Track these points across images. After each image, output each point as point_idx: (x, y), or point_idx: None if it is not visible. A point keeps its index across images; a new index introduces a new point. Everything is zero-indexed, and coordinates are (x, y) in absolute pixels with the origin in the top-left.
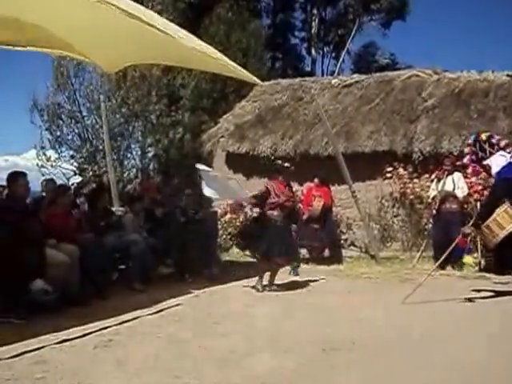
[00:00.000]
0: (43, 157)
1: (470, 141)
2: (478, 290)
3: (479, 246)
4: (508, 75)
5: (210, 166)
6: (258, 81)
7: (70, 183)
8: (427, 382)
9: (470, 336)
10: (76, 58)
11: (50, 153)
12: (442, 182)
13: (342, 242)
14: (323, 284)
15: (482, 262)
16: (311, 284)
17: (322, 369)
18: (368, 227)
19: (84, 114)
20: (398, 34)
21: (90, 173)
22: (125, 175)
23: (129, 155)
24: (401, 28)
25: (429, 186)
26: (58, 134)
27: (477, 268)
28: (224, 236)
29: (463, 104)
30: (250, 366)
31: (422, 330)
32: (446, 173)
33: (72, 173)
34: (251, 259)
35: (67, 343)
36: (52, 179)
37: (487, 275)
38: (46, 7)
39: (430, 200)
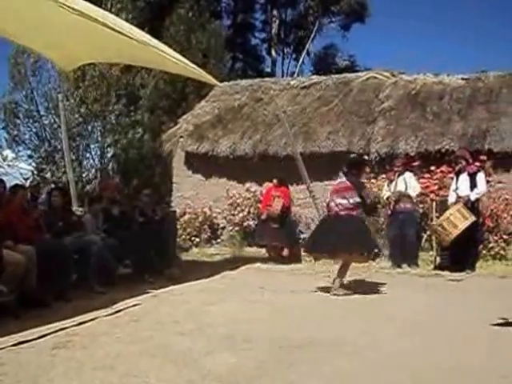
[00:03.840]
0: (0, 156)
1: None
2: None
3: (434, 244)
4: (463, 78)
5: (169, 166)
6: (216, 82)
7: (27, 185)
8: (385, 381)
9: (431, 333)
10: (34, 52)
11: (7, 152)
12: (393, 182)
13: (300, 241)
14: (282, 283)
15: (438, 260)
16: (270, 283)
17: (280, 366)
18: None
19: (42, 113)
20: (358, 36)
21: (49, 173)
22: (84, 175)
23: (88, 155)
24: (360, 31)
25: None
26: (15, 133)
27: (432, 266)
28: (183, 236)
29: (419, 106)
30: (208, 364)
31: (380, 327)
32: (397, 173)
33: (30, 173)
34: (209, 259)
35: (25, 345)
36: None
37: (442, 273)
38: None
39: (384, 199)
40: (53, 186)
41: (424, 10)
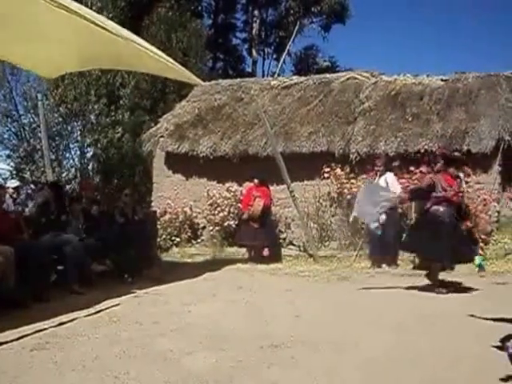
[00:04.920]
0: None
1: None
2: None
3: None
4: (442, 79)
5: (149, 166)
6: (199, 81)
7: (7, 186)
8: (364, 379)
9: (412, 332)
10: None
11: None
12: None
13: (281, 241)
14: (262, 283)
15: (416, 260)
16: (251, 283)
17: (260, 366)
18: (306, 226)
19: (21, 112)
20: (339, 37)
21: (28, 173)
22: (63, 175)
23: (67, 155)
24: (341, 31)
25: None
26: None
27: (411, 265)
28: (164, 236)
29: (399, 106)
30: (188, 364)
31: (359, 327)
32: (379, 173)
33: (8, 173)
34: (189, 259)
35: (4, 346)
36: None
37: (421, 272)
38: None
39: None
40: (32, 185)
41: (403, 11)
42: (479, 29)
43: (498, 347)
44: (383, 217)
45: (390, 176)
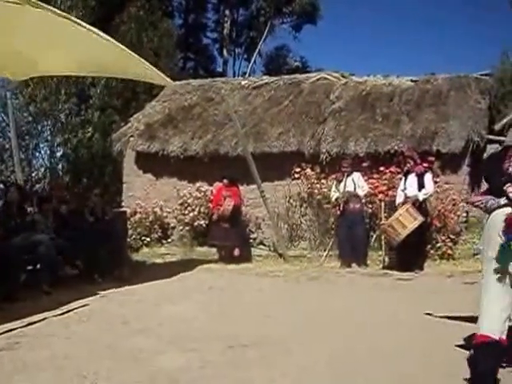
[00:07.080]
0: None
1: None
2: None
3: (383, 244)
4: (412, 80)
5: (120, 165)
6: (168, 79)
7: None
8: (335, 378)
9: (378, 333)
10: None
11: None
12: (342, 183)
13: (251, 241)
14: (232, 282)
15: (386, 260)
16: (221, 283)
17: (229, 365)
18: (276, 226)
19: None
20: (310, 37)
21: None
22: (33, 175)
23: (37, 154)
24: (312, 32)
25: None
26: None
27: (381, 265)
28: (134, 236)
29: (369, 107)
30: (158, 364)
31: (329, 326)
32: (346, 174)
33: None
34: (159, 259)
35: None
36: None
37: (390, 272)
38: None
39: (333, 200)
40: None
41: (374, 13)
42: (450, 30)
43: (460, 346)
44: None
45: (356, 175)
